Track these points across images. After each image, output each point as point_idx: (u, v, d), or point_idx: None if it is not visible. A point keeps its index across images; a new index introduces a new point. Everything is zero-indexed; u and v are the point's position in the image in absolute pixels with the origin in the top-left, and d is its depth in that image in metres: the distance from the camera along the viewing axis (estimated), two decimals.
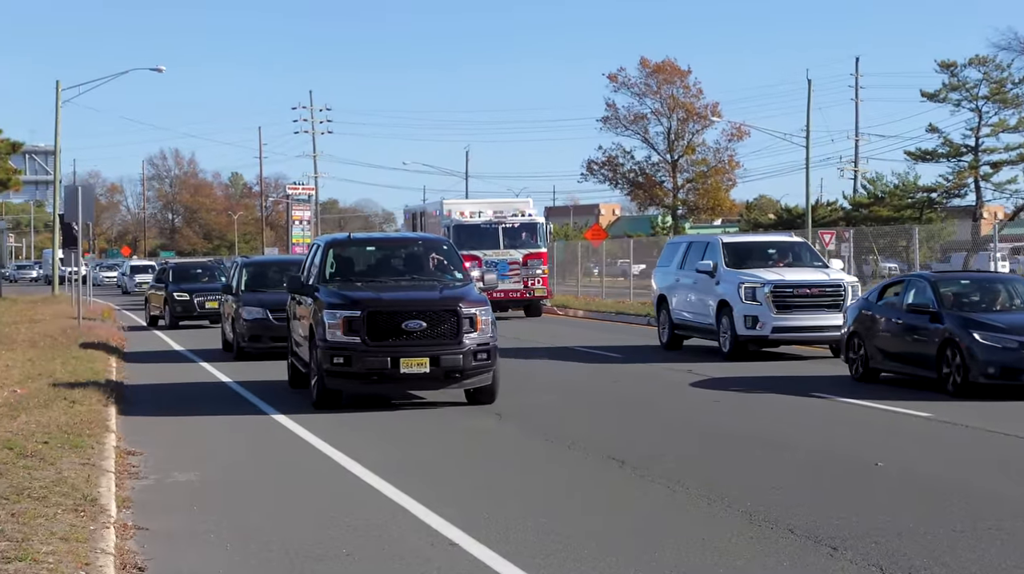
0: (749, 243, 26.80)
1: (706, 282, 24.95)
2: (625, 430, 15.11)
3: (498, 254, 39.45)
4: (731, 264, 24.56)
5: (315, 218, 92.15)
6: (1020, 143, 70.66)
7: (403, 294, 17.28)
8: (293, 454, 13.73)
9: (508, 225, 40.13)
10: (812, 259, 25.46)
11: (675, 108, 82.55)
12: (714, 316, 24.39)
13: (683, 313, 26.15)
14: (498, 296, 37.07)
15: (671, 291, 26.93)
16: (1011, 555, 8.69)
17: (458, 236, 38.34)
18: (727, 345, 23.89)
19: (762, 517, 9.98)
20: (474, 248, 38.54)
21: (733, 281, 23.90)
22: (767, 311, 23.29)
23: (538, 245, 40.44)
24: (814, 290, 23.57)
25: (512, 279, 39.36)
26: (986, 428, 14.73)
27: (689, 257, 26.36)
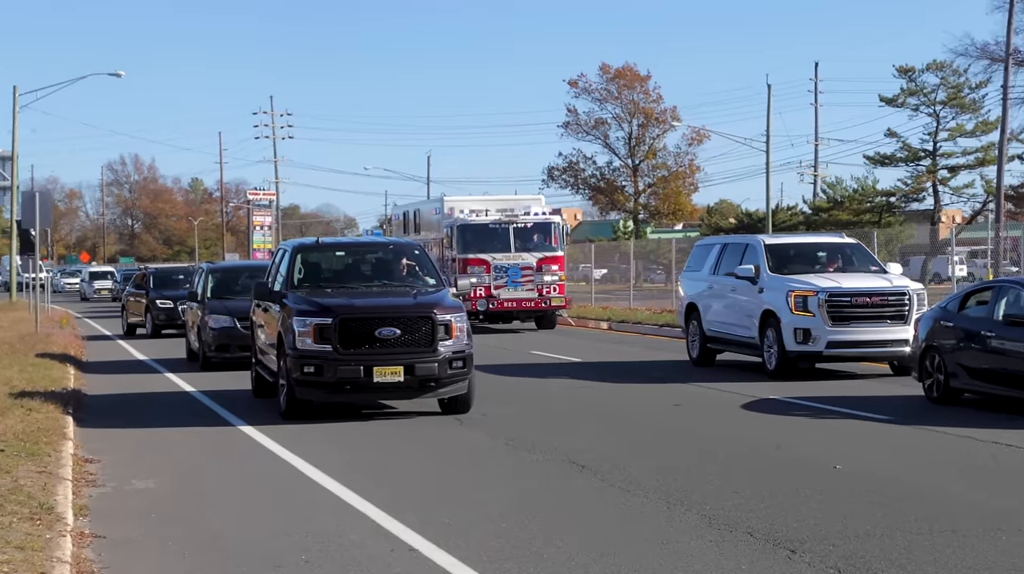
0: (795, 244, 23.62)
1: (747, 289, 22.07)
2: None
3: (509, 258, 35.26)
4: (775, 269, 21.72)
5: (276, 223, 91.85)
6: (977, 147, 71.30)
7: (376, 300, 16.91)
8: (254, 462, 13.67)
9: (520, 225, 35.53)
10: (868, 263, 22.53)
11: (635, 113, 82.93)
12: (757, 328, 21.54)
13: (718, 325, 23.21)
14: (509, 306, 35.14)
15: (703, 300, 23.93)
16: (966, 557, 8.75)
17: (464, 237, 35.27)
18: (773, 361, 20.98)
19: (721, 520, 10.01)
20: (481, 251, 35.17)
21: (780, 288, 21.04)
22: (821, 323, 20.38)
23: (554, 248, 35.83)
24: (875, 298, 20.64)
25: (525, 286, 35.24)
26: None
27: (724, 261, 23.43)
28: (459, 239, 35.12)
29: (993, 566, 8.47)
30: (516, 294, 35.05)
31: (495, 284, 34.82)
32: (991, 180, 63.52)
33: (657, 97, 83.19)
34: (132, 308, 37.25)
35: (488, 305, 34.78)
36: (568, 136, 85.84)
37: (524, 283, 35.10)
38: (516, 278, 34.98)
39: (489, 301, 34.75)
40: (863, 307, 20.57)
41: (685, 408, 17.50)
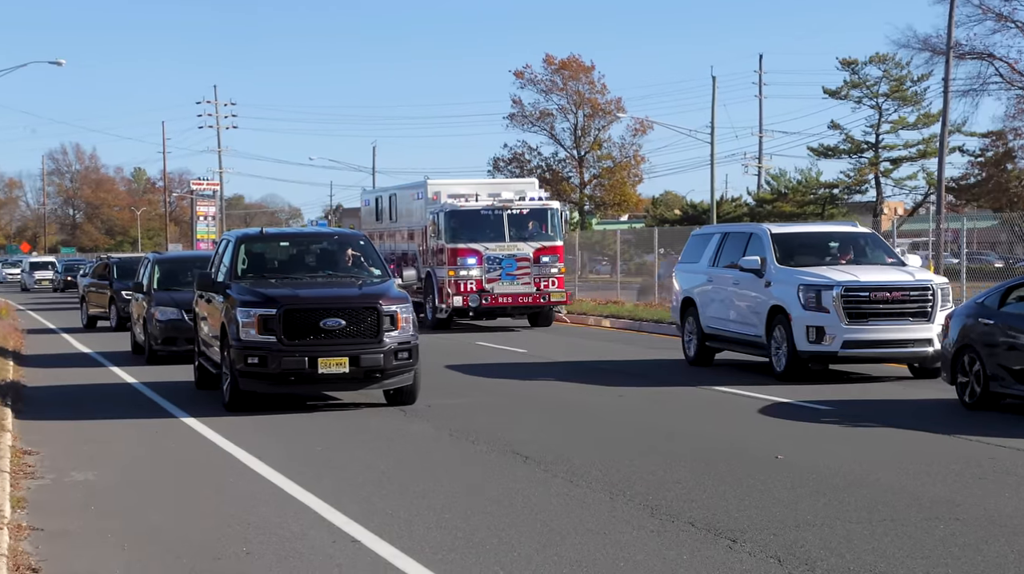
0: (804, 234, 21.69)
1: (751, 283, 20.21)
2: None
3: (503, 248, 31.82)
4: (783, 260, 19.91)
5: (220, 214, 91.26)
6: (919, 140, 71.96)
7: (321, 291, 16.85)
8: (196, 454, 13.57)
9: (514, 211, 32.06)
10: (884, 254, 20.72)
11: (580, 104, 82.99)
12: (763, 326, 19.70)
13: (718, 321, 21.43)
14: (504, 302, 31.88)
15: (701, 294, 22.12)
16: (904, 545, 8.83)
17: (452, 225, 31.88)
18: (781, 362, 19.20)
19: (663, 510, 10.05)
20: (472, 240, 31.74)
21: (790, 282, 19.19)
22: (836, 320, 18.55)
23: (552, 236, 32.37)
24: (895, 293, 18.76)
25: (521, 280, 31.86)
26: None
27: (725, 252, 21.64)
28: (447, 227, 31.90)
29: (930, 554, 8.55)
30: (512, 288, 31.85)
31: (488, 277, 31.72)
32: (932, 172, 64.20)
33: (602, 88, 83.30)
34: (94, 300, 35.84)
35: (481, 300, 31.68)
36: (514, 127, 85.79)
37: (520, 276, 31.87)
38: (511, 270, 31.81)
39: (482, 296, 31.70)
40: (882, 303, 18.74)
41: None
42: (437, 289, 32.21)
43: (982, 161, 68.15)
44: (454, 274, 31.55)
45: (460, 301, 31.46)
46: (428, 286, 32.86)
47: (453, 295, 31.49)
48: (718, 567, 8.35)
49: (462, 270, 31.48)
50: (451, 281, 31.56)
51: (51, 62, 57.45)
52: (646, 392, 18.34)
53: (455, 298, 31.51)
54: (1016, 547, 8.70)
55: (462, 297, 31.49)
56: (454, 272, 31.54)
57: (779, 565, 8.35)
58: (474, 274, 31.60)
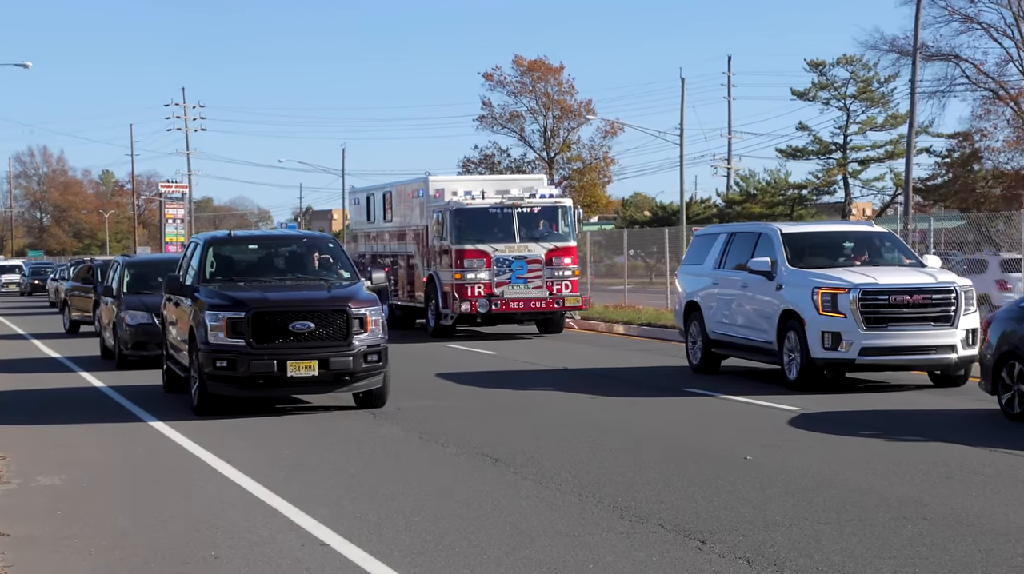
0: (817, 234, 20.66)
1: (761, 286, 19.11)
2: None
3: (512, 249, 29.35)
4: (795, 262, 18.86)
5: (189, 216, 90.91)
6: (887, 141, 72.36)
7: (289, 294, 16.83)
8: (164, 458, 13.51)
9: (525, 209, 29.61)
10: (901, 255, 19.65)
11: (550, 106, 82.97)
12: (774, 331, 18.62)
13: (725, 326, 20.33)
14: (516, 307, 29.38)
15: (706, 297, 21.06)
16: (872, 545, 8.86)
17: (459, 224, 29.36)
18: (794, 370, 18.13)
19: (633, 512, 10.06)
20: (479, 241, 29.27)
21: (804, 284, 18.09)
22: (854, 325, 17.43)
23: (565, 236, 29.96)
24: (916, 297, 17.63)
25: (532, 284, 29.39)
26: None
27: (731, 253, 20.59)
28: (452, 227, 29.29)
29: (898, 554, 8.58)
30: (523, 292, 29.36)
31: (497, 280, 29.22)
32: (900, 173, 64.55)
33: (571, 89, 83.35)
34: (77, 304, 34.84)
35: (490, 306, 29.10)
36: (483, 129, 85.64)
37: (531, 279, 29.33)
38: (522, 273, 29.29)
39: (491, 301, 29.13)
40: (902, 307, 17.62)
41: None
42: (441, 294, 29.87)
43: (949, 162, 68.51)
44: (460, 277, 29.08)
45: (467, 306, 29.05)
46: (430, 290, 30.63)
47: (459, 300, 29.06)
48: (687, 568, 8.36)
49: (469, 273, 29.08)
50: (457, 285, 29.16)
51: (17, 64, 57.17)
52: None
53: (462, 303, 29.03)
54: (983, 546, 8.75)
55: (469, 302, 29.03)
56: (460, 275, 29.09)
57: (748, 566, 8.37)
58: (482, 277, 29.19)
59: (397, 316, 32.85)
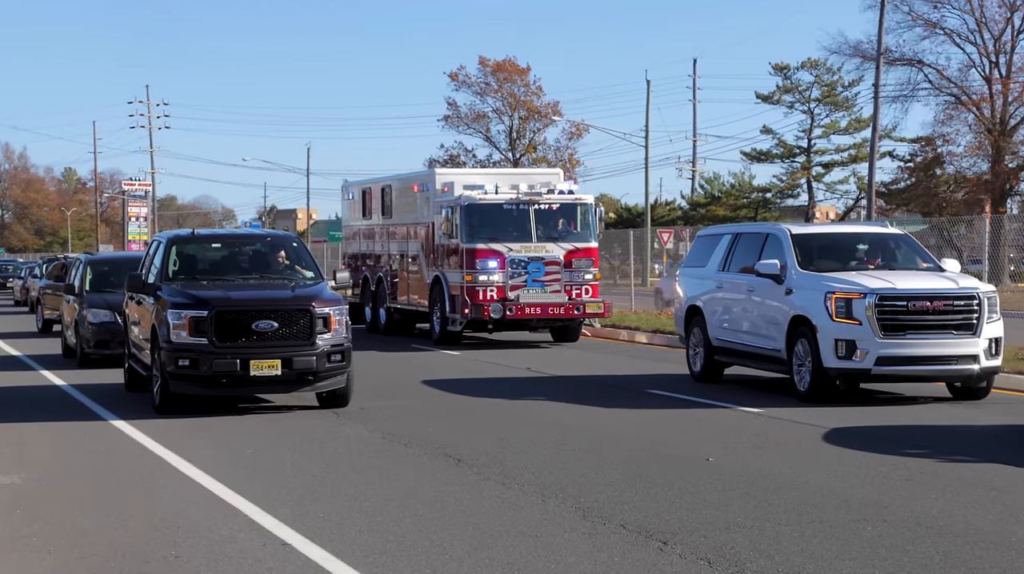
0: (828, 235, 19.67)
1: (770, 290, 17.97)
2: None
3: (529, 249, 26.87)
4: (805, 264, 17.71)
5: (152, 215, 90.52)
6: (850, 144, 72.81)
7: (253, 293, 16.78)
8: (125, 457, 13.44)
9: (543, 206, 27.16)
10: (918, 258, 18.52)
11: (516, 107, 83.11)
12: (783, 339, 17.50)
13: (729, 332, 19.24)
14: (532, 312, 26.84)
15: (709, 302, 19.96)
16: (832, 547, 8.91)
17: (470, 222, 26.86)
18: (805, 380, 17.00)
19: (595, 513, 10.07)
20: (493, 240, 26.80)
21: (816, 288, 16.98)
22: (870, 333, 16.32)
23: (586, 236, 27.46)
24: (937, 303, 16.51)
25: (550, 287, 26.89)
26: None
27: (737, 255, 19.47)
28: (464, 224, 26.75)
29: (857, 556, 8.63)
30: (540, 297, 26.88)
31: (512, 283, 26.74)
32: (863, 176, 65.02)
33: (538, 90, 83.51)
34: (50, 303, 33.77)
35: (504, 311, 26.60)
36: (449, 129, 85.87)
37: (549, 283, 26.86)
38: (539, 276, 26.80)
39: (505, 306, 26.63)
40: (922, 314, 16.51)
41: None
42: (449, 297, 27.29)
43: (912, 166, 69.01)
44: (472, 279, 26.60)
45: (478, 312, 26.56)
46: (436, 293, 28.05)
47: (470, 304, 26.62)
48: (649, 569, 8.38)
49: (481, 275, 26.58)
50: (468, 288, 26.65)
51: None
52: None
53: (472, 308, 26.56)
54: (941, 548, 8.81)
55: (481, 307, 26.51)
56: (472, 277, 26.60)
57: (709, 567, 8.40)
58: (496, 280, 26.72)
59: (396, 321, 31.22)
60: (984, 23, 62.52)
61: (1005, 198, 63.82)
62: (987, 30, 62.61)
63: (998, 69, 62.77)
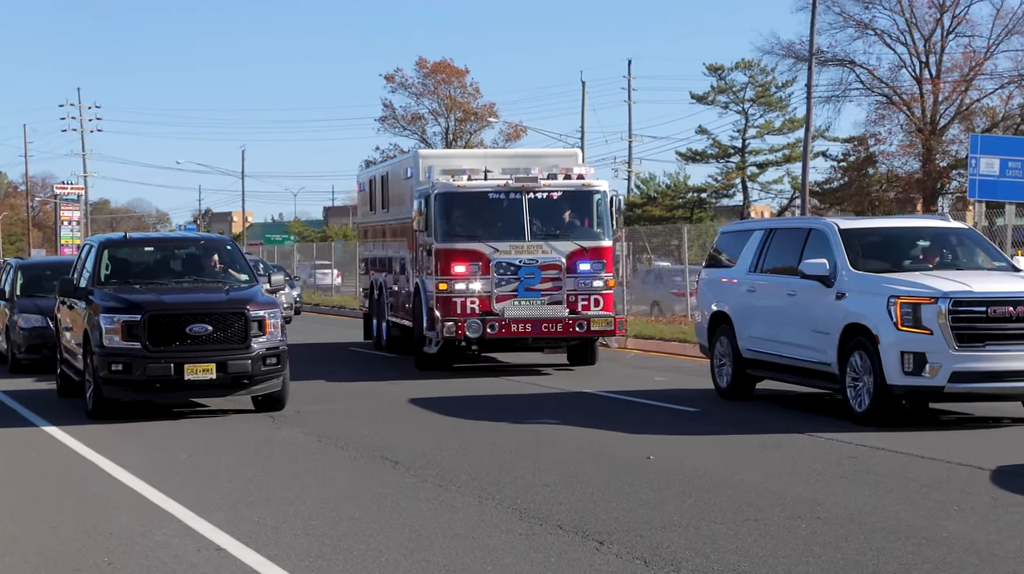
0: (883, 230, 17.01)
1: (816, 293, 15.58)
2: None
3: (521, 249, 21.33)
4: (856, 264, 15.38)
5: (85, 219, 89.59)
6: (784, 144, 73.34)
7: (186, 296, 16.70)
8: (57, 463, 13.29)
9: (540, 195, 21.61)
10: (988, 256, 16.15)
11: (452, 108, 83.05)
12: (833, 350, 15.13)
13: (763, 342, 16.84)
14: (521, 330, 21.20)
15: (739, 307, 17.54)
16: (767, 544, 8.97)
17: (445, 215, 21.53)
18: (863, 399, 14.63)
19: (532, 514, 10.08)
20: (475, 238, 21.38)
21: (875, 292, 14.65)
22: (942, 344, 14.01)
23: (597, 234, 21.90)
24: (1021, 309, 14.16)
25: (546, 297, 21.37)
26: None
27: (771, 253, 17.15)
28: (438, 217, 21.47)
29: (792, 553, 8.69)
30: (532, 310, 21.29)
31: (498, 293, 21.30)
32: (797, 176, 65.47)
33: (475, 92, 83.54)
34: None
35: (484, 329, 21.04)
36: (385, 131, 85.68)
37: (546, 291, 21.35)
38: (533, 283, 21.33)
39: (485, 322, 21.09)
40: (1004, 321, 14.13)
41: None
42: (426, 310, 21.88)
43: (845, 166, 69.65)
44: (446, 288, 21.25)
45: (453, 328, 21.01)
46: (416, 306, 22.73)
47: (442, 319, 21.17)
48: (585, 569, 8.39)
49: (458, 282, 21.23)
50: (441, 298, 21.31)
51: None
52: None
53: (446, 324, 21.05)
54: (874, 544, 8.89)
55: (455, 322, 21.02)
56: (446, 286, 21.25)
57: (645, 566, 8.42)
58: (476, 288, 21.29)
59: (394, 336, 25.93)
60: (914, 23, 63.24)
61: (936, 196, 64.59)
62: (917, 30, 63.33)
63: (928, 69, 63.50)
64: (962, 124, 63.97)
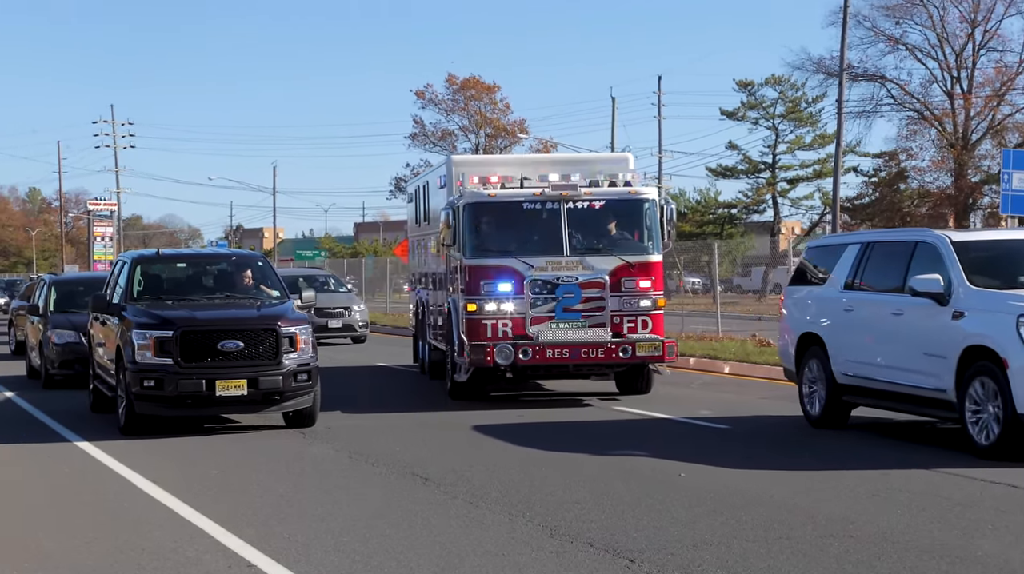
0: (1000, 243, 15.36)
1: (927, 313, 14.21)
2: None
3: (558, 266, 19.09)
4: (973, 281, 13.96)
5: (118, 234, 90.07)
6: (815, 160, 73.21)
7: (218, 312, 16.75)
8: (90, 478, 13.35)
9: (581, 204, 19.41)
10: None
11: (483, 124, 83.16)
12: (950, 376, 13.73)
13: (864, 367, 15.36)
14: (557, 356, 18.91)
15: (832, 328, 16.05)
16: (799, 563, 8.93)
17: (475, 227, 19.38)
18: (989, 431, 13.25)
19: (562, 531, 10.06)
20: (507, 253, 19.18)
21: (1002, 310, 13.29)
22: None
23: (646, 248, 19.63)
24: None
25: (587, 318, 19.13)
26: None
27: (870, 267, 15.71)
28: (466, 230, 19.36)
29: (824, 572, 8.65)
30: (571, 333, 19.05)
31: (534, 314, 19.05)
32: (828, 192, 65.21)
33: (505, 108, 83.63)
34: (22, 324, 31.80)
35: (516, 354, 18.81)
36: (415, 147, 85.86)
37: (586, 312, 19.13)
38: (572, 303, 19.08)
39: (518, 347, 18.86)
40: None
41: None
42: (456, 334, 19.69)
43: (876, 181, 69.47)
44: (475, 309, 19.10)
45: (482, 355, 18.84)
46: (448, 328, 20.68)
47: (469, 343, 19.02)
48: None
49: (488, 302, 19.05)
50: (469, 320, 19.14)
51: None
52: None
53: (474, 348, 18.92)
54: (908, 563, 8.84)
55: (485, 348, 18.84)
56: (475, 306, 19.11)
57: None
58: (508, 309, 19.09)
59: (435, 361, 23.30)
60: (945, 38, 63.06)
61: (968, 212, 64.29)
62: (948, 45, 63.15)
63: (959, 84, 63.29)
64: (994, 139, 63.69)
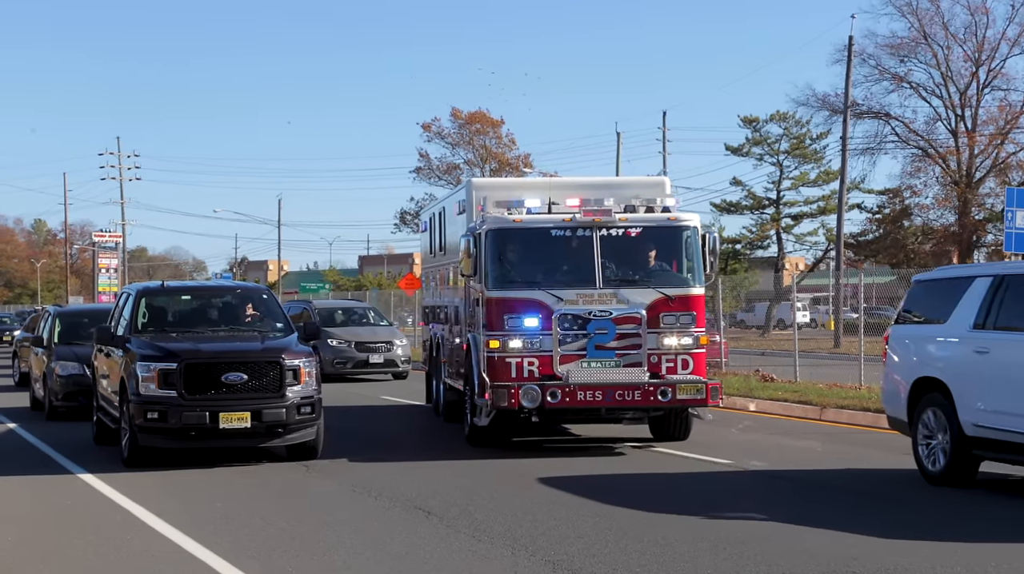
0: None
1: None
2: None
3: (590, 299, 17.27)
4: None
5: (123, 266, 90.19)
6: (819, 196, 73.26)
7: (222, 345, 16.77)
8: (93, 511, 13.34)
9: (615, 231, 17.63)
10: None
11: (488, 159, 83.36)
12: None
13: (999, 418, 13.28)
14: (590, 398, 17.01)
15: (958, 373, 14.02)
16: None
17: (498, 257, 17.65)
18: None
19: (565, 565, 10.05)
20: (534, 285, 17.41)
21: None
22: None
23: (686, 280, 17.79)
24: None
25: (622, 357, 17.23)
26: None
27: (1008, 304, 13.57)
28: (489, 259, 17.62)
29: None
30: (603, 373, 17.14)
31: (563, 352, 17.19)
32: (832, 228, 65.20)
33: (510, 142, 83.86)
34: (26, 355, 31.54)
35: (544, 397, 16.91)
36: (420, 180, 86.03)
37: (621, 350, 17.23)
38: (605, 340, 17.22)
39: (546, 388, 16.95)
40: None
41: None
42: (476, 373, 17.84)
43: (880, 218, 69.46)
44: (499, 346, 17.33)
45: (505, 397, 16.94)
46: (468, 367, 18.70)
47: (491, 384, 17.14)
48: None
49: (512, 338, 17.25)
50: (490, 358, 17.37)
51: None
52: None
53: (497, 390, 17.03)
54: None
55: (509, 389, 16.91)
56: (498, 343, 17.32)
57: None
58: (536, 346, 17.30)
59: (450, 401, 21.55)
60: (950, 77, 63.21)
61: (972, 249, 64.30)
62: (953, 84, 63.28)
63: (963, 122, 63.40)
64: (998, 177, 63.73)
